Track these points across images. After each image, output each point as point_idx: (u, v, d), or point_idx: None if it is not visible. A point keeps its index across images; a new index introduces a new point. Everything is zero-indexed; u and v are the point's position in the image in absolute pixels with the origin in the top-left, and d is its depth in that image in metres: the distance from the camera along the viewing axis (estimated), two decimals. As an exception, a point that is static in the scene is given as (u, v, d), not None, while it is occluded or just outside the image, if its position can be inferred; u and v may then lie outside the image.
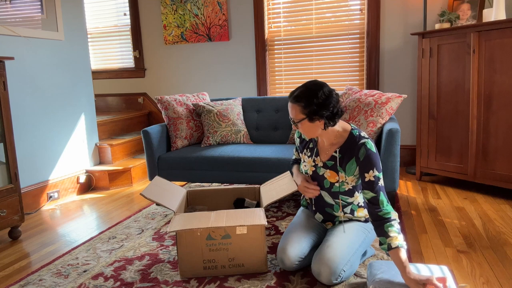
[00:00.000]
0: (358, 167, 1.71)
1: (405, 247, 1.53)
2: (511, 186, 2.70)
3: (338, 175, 1.76)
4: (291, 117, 1.73)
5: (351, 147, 1.72)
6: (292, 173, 2.05)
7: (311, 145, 1.88)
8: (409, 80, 3.66)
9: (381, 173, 1.69)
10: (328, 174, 1.79)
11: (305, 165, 1.90)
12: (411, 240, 2.18)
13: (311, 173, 1.86)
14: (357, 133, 1.73)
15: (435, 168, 3.15)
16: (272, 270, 1.87)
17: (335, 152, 1.76)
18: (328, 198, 1.84)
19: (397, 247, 1.52)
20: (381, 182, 1.67)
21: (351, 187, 1.78)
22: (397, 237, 1.54)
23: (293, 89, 2.22)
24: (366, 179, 1.67)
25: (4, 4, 2.81)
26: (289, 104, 1.71)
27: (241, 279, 1.81)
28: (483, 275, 1.77)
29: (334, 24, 3.81)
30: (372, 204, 1.64)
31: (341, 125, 1.77)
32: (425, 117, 3.16)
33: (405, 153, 3.75)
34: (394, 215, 1.61)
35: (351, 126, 1.77)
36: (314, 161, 1.84)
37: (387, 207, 1.62)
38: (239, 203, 2.30)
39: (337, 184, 1.77)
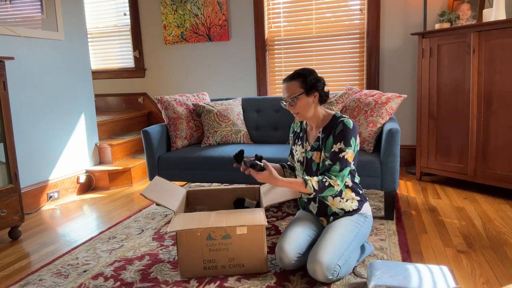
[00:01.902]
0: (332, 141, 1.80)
1: (309, 184, 1.70)
2: (511, 186, 2.70)
3: (322, 154, 1.84)
4: (287, 97, 1.81)
5: (331, 126, 1.83)
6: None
7: (301, 134, 1.98)
8: (409, 80, 3.66)
9: (350, 148, 1.75)
10: (314, 156, 1.86)
11: (297, 154, 1.98)
12: (411, 240, 2.18)
13: (302, 159, 1.94)
14: (339, 115, 1.85)
15: (435, 168, 3.15)
16: (272, 270, 1.87)
17: (319, 132, 1.86)
18: None
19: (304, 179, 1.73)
20: (345, 155, 1.74)
21: None
22: (313, 179, 1.72)
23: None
24: (332, 150, 1.77)
25: (4, 4, 2.81)
26: (286, 85, 1.83)
27: (241, 279, 1.81)
28: (483, 275, 1.77)
29: (334, 24, 3.81)
30: (326, 171, 1.77)
31: (326, 111, 1.91)
32: (425, 117, 3.16)
33: (405, 153, 3.75)
34: (333, 182, 1.71)
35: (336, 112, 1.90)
36: (303, 147, 1.94)
37: (335, 175, 1.72)
38: (239, 203, 2.30)
39: (321, 164, 1.84)
